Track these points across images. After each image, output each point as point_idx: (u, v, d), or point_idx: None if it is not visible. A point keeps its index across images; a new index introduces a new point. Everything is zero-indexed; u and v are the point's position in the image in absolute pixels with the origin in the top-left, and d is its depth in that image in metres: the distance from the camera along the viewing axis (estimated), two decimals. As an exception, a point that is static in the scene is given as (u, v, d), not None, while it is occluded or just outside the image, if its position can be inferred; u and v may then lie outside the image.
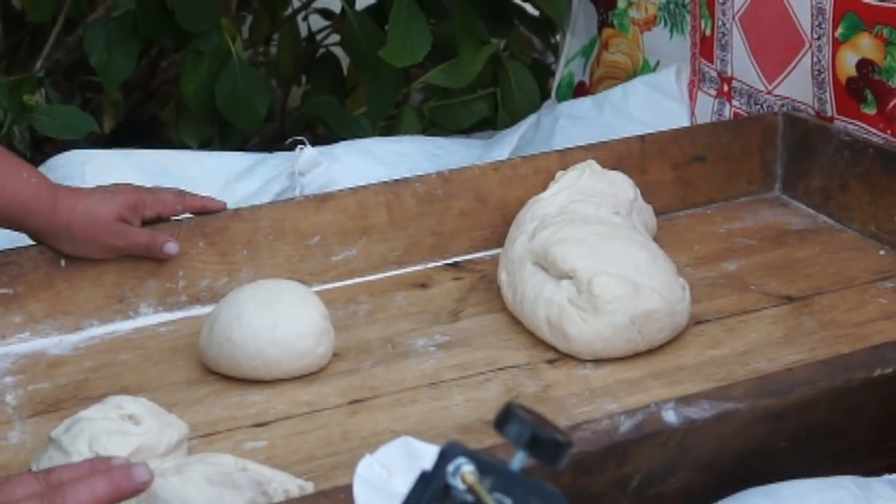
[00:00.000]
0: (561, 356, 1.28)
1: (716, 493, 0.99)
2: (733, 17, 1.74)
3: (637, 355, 1.27)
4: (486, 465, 0.72)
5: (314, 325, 1.25)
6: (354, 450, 1.12)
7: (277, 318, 1.24)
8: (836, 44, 1.56)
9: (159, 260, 1.39)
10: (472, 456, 0.72)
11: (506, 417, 0.73)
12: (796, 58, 1.63)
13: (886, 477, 0.99)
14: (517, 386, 1.24)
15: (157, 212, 1.39)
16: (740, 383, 1.01)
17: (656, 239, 1.45)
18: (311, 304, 1.27)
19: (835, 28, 1.56)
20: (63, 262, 1.36)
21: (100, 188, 1.38)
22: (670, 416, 0.97)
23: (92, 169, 1.68)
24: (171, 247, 1.38)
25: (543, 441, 0.72)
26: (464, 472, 0.71)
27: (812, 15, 1.58)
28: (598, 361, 1.27)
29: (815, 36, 1.59)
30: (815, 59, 1.60)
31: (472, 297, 1.43)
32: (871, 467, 1.05)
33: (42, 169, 1.71)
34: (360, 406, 1.21)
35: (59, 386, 1.27)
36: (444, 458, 0.72)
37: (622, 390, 1.21)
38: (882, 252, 1.48)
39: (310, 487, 1.01)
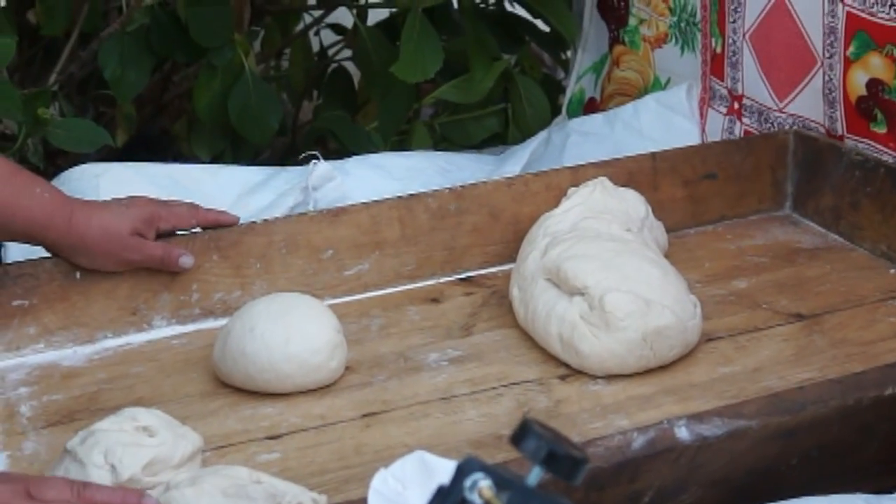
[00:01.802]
0: (572, 372, 1.29)
1: (727, 510, 1.00)
2: (744, 36, 1.75)
3: (648, 372, 1.27)
4: (503, 480, 0.72)
5: (328, 340, 1.26)
6: (367, 463, 1.13)
7: (291, 333, 1.25)
8: (848, 62, 1.57)
9: (173, 273, 1.40)
10: (489, 471, 0.73)
11: (523, 433, 0.73)
12: (808, 76, 1.64)
13: (897, 495, 1.00)
14: (529, 401, 1.24)
15: (171, 225, 1.40)
16: (752, 401, 1.02)
17: (667, 256, 1.46)
18: (324, 318, 1.28)
19: (846, 47, 1.56)
20: (78, 275, 1.37)
21: (114, 201, 1.39)
22: (683, 432, 0.98)
23: (106, 182, 1.69)
24: (186, 260, 1.39)
25: (560, 457, 0.72)
26: (481, 486, 0.72)
27: (824, 34, 1.59)
28: (610, 377, 1.27)
29: (827, 55, 1.59)
30: (826, 77, 1.61)
31: (483, 312, 1.44)
32: (882, 485, 1.05)
33: (56, 182, 1.72)
34: (373, 420, 1.22)
35: (74, 397, 1.28)
36: (462, 472, 0.73)
37: (633, 406, 1.22)
38: (892, 271, 1.48)
39: (323, 501, 1.01)
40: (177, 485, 0.98)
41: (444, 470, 0.91)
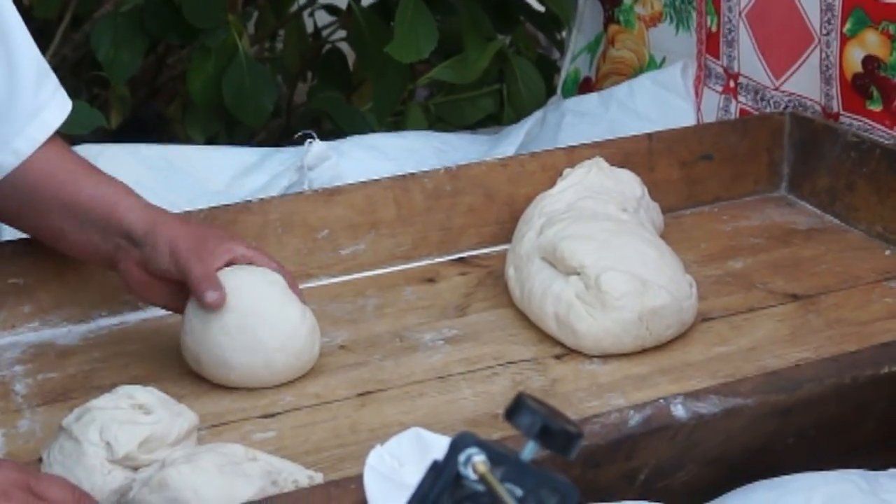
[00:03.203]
0: (568, 351, 1.29)
1: (723, 488, 1.00)
2: (739, 14, 1.75)
3: (644, 351, 1.27)
4: (498, 455, 0.72)
5: (301, 336, 1.24)
6: (363, 442, 1.13)
7: (267, 334, 1.22)
8: (844, 39, 1.57)
9: None
10: (484, 446, 0.72)
11: (517, 408, 0.73)
12: (804, 53, 1.64)
13: (893, 471, 1.00)
14: (525, 380, 1.24)
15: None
16: (749, 379, 1.02)
17: (663, 237, 1.46)
18: (293, 307, 1.24)
19: (843, 23, 1.56)
20: (72, 254, 1.36)
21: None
22: (679, 410, 0.98)
23: (101, 164, 1.66)
24: (212, 296, 1.22)
25: (554, 432, 0.72)
26: (475, 461, 0.72)
27: (821, 10, 1.59)
28: (606, 357, 1.27)
29: (824, 31, 1.59)
30: (823, 54, 1.60)
31: (479, 293, 1.43)
32: (878, 463, 1.05)
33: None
34: (369, 399, 1.22)
35: (68, 375, 1.28)
36: (456, 448, 0.72)
37: (629, 386, 1.22)
38: (888, 252, 1.48)
39: (319, 478, 1.01)
40: (173, 462, 0.98)
41: (439, 446, 0.91)
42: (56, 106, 1.30)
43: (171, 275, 1.23)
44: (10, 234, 1.42)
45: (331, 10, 2.46)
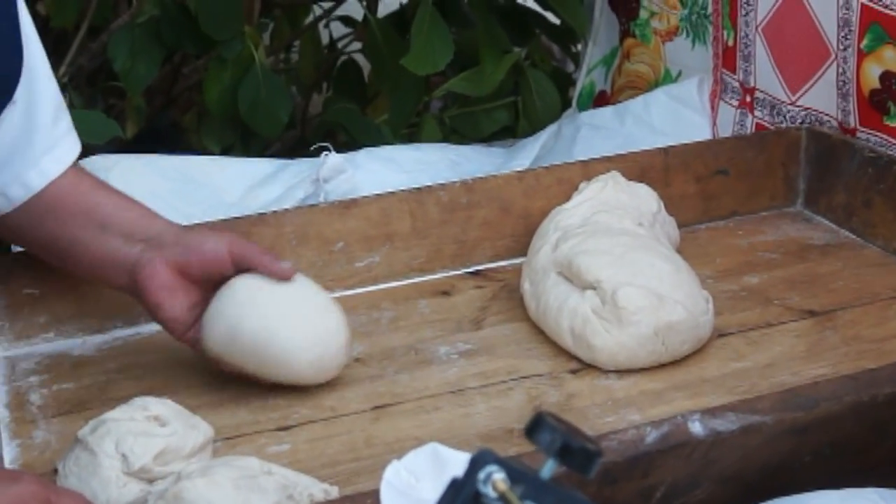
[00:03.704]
0: (584, 366, 1.28)
1: (740, 506, 1.00)
2: (756, 29, 1.74)
3: (660, 367, 1.27)
4: (517, 473, 0.72)
5: (339, 338, 1.24)
6: (378, 456, 1.12)
7: (306, 334, 1.22)
8: (861, 55, 1.56)
9: None
10: (503, 464, 0.72)
11: (537, 425, 0.73)
12: (821, 69, 1.63)
13: (912, 490, 0.99)
14: (540, 395, 1.24)
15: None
16: (767, 396, 1.01)
17: (679, 251, 1.45)
18: (331, 316, 1.25)
19: (860, 39, 1.56)
20: (88, 265, 1.36)
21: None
22: (696, 427, 0.97)
23: (116, 175, 1.69)
24: (287, 263, 1.23)
25: (574, 450, 0.72)
26: (495, 479, 0.71)
27: (838, 26, 1.58)
28: (621, 372, 1.27)
29: (841, 47, 1.59)
30: (840, 70, 1.60)
31: (494, 306, 1.43)
32: (894, 483, 1.04)
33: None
34: (383, 412, 1.21)
35: (84, 386, 1.28)
36: (475, 465, 0.72)
37: (645, 401, 1.21)
38: (905, 268, 1.48)
39: (334, 492, 1.01)
40: (188, 475, 0.98)
41: (457, 462, 0.91)
42: (71, 142, 1.30)
43: (218, 259, 1.22)
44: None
45: (346, 21, 2.46)
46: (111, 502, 1.00)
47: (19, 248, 1.39)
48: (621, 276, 1.28)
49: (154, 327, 1.37)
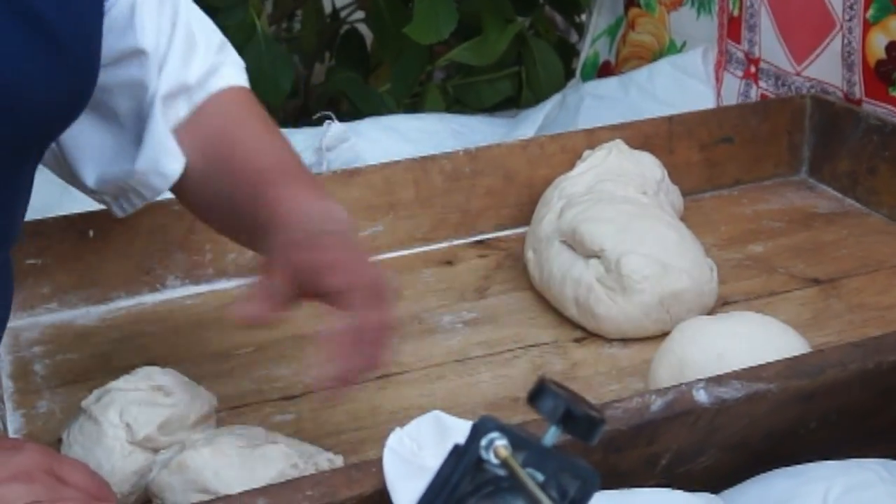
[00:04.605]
0: (588, 335, 1.28)
1: (745, 473, 0.99)
2: (761, -1, 1.73)
3: (665, 335, 1.26)
4: (520, 440, 0.72)
5: None
6: (382, 424, 1.12)
7: None
8: (867, 25, 1.55)
9: (187, 233, 1.38)
10: (506, 431, 0.72)
11: (539, 392, 0.73)
12: (826, 39, 1.62)
13: (916, 459, 0.99)
14: (544, 364, 1.24)
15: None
16: (771, 364, 1.00)
17: (683, 220, 1.45)
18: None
19: (866, 9, 1.55)
20: (91, 233, 1.36)
21: None
22: (701, 395, 0.97)
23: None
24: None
25: (577, 417, 0.72)
26: (497, 446, 0.71)
27: (844, -5, 1.57)
28: (626, 341, 1.27)
29: (847, 17, 1.58)
30: (845, 40, 1.59)
31: (498, 275, 1.43)
32: (900, 450, 1.04)
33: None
34: (388, 381, 1.21)
35: (87, 356, 1.28)
36: (478, 432, 0.72)
37: (649, 370, 1.21)
38: (910, 236, 1.47)
39: (339, 461, 1.01)
40: (192, 444, 0.98)
41: (459, 430, 0.91)
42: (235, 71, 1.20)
43: None
44: (27, 215, 1.41)
45: (349, -10, 2.45)
46: (115, 471, 1.00)
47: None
48: (625, 244, 1.28)
49: (156, 297, 1.38)
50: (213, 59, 1.16)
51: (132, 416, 1.02)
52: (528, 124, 1.92)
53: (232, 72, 1.19)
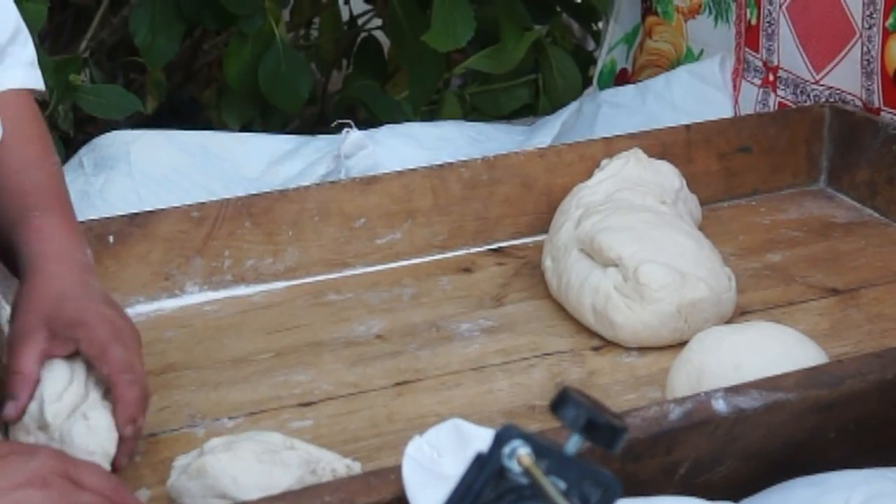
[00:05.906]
0: (605, 343, 1.28)
1: (763, 483, 0.99)
2: (780, 7, 1.73)
3: (682, 344, 1.26)
4: (542, 448, 0.72)
5: None
6: (400, 431, 1.13)
7: None
8: (886, 33, 1.55)
9: (205, 239, 1.39)
10: (528, 439, 0.72)
11: (562, 400, 0.73)
12: (846, 48, 1.62)
13: (936, 470, 0.99)
14: (561, 372, 1.24)
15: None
16: (791, 374, 1.00)
17: (701, 229, 1.45)
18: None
19: (885, 17, 1.55)
20: (111, 239, 1.37)
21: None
22: (720, 404, 0.97)
23: (137, 149, 1.69)
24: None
25: (600, 425, 0.72)
26: (520, 454, 0.71)
27: (863, 4, 1.57)
28: (643, 349, 1.27)
29: (866, 25, 1.58)
30: (864, 48, 1.59)
31: (515, 283, 1.43)
32: (919, 461, 1.04)
33: (87, 149, 1.73)
34: (405, 388, 1.21)
35: (106, 362, 1.28)
36: (500, 440, 0.72)
37: (667, 379, 1.21)
38: (929, 247, 1.47)
39: (357, 467, 1.01)
40: (211, 450, 0.98)
41: (478, 438, 0.91)
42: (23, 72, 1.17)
43: None
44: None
45: (367, -3, 2.45)
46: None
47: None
48: (643, 253, 1.28)
49: (175, 303, 1.38)
50: None
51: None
52: (545, 132, 1.92)
53: (18, 74, 1.16)
